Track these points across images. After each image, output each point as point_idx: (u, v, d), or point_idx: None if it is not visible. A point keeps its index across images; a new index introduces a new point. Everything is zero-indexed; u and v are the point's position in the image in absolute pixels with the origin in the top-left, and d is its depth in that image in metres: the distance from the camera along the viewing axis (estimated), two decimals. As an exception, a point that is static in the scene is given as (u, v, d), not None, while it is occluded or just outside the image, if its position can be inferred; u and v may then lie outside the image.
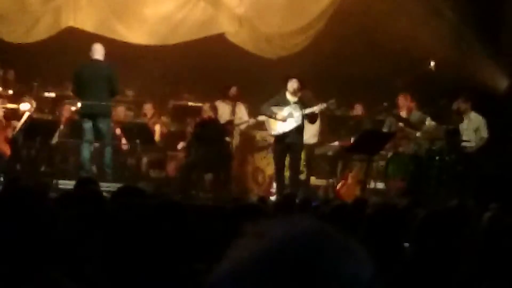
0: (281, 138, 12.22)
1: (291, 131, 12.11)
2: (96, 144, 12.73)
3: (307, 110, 12.10)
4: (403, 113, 12.96)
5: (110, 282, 3.52)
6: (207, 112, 13.19)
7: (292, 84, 12.22)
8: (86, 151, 12.38)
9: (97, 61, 12.41)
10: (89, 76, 12.22)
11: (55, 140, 13.13)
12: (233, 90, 14.46)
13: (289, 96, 12.25)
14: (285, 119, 12.11)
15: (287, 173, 12.39)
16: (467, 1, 14.48)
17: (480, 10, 14.41)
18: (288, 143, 12.14)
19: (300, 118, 12.12)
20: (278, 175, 12.36)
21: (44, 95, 14.86)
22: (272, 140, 13.12)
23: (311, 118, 12.36)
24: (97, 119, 12.20)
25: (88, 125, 12.28)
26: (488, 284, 3.39)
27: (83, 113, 12.43)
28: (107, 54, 12.60)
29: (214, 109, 13.37)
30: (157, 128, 14.12)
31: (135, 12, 15.60)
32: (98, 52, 12.48)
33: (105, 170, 12.38)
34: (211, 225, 4.01)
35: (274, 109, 12.20)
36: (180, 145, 13.86)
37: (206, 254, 3.38)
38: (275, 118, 12.19)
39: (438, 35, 14.37)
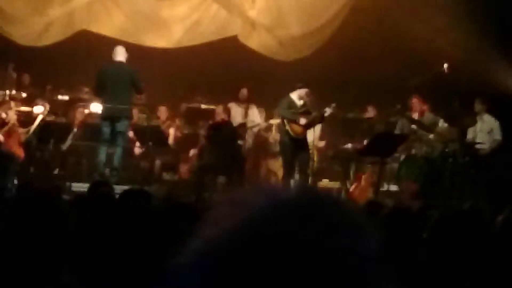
0: (291, 140, 12.34)
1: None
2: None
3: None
4: (416, 115, 12.93)
5: (120, 283, 3.52)
6: (220, 114, 13.20)
7: (305, 91, 12.44)
8: (103, 154, 12.43)
9: (119, 62, 12.49)
10: (112, 77, 12.28)
11: (67, 144, 13.14)
12: (244, 92, 14.47)
13: (296, 99, 12.43)
14: (307, 123, 12.29)
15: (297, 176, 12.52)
16: (482, 4, 14.41)
17: (494, 12, 14.36)
18: (298, 144, 12.27)
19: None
20: (288, 176, 12.44)
21: (58, 98, 14.89)
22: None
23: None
24: (117, 121, 12.24)
25: (107, 128, 12.33)
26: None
27: (104, 116, 12.48)
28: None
29: (228, 111, 13.38)
30: (171, 132, 14.11)
31: (148, 15, 15.62)
32: (120, 53, 12.56)
33: (112, 172, 12.38)
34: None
35: (294, 113, 12.36)
36: (192, 152, 13.84)
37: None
38: (298, 123, 12.30)
39: (452, 37, 14.31)
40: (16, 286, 2.66)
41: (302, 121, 12.26)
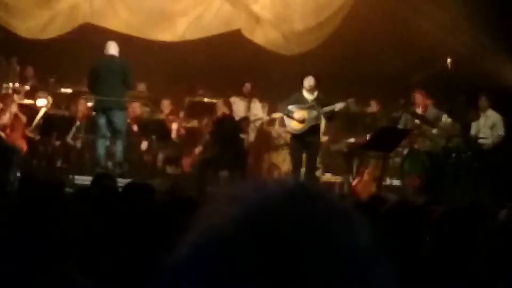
0: (298, 136, 12.16)
1: (309, 129, 12.05)
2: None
3: (326, 109, 12.03)
4: (419, 110, 12.92)
5: (121, 278, 3.52)
6: (221, 108, 13.16)
7: (309, 81, 12.13)
8: (101, 147, 12.47)
9: (112, 56, 12.57)
10: (104, 70, 12.35)
11: (71, 138, 13.16)
12: (247, 87, 14.46)
13: (306, 94, 12.17)
14: (303, 119, 12.01)
15: (302, 170, 12.39)
16: (486, 0, 14.39)
17: (498, 8, 14.33)
18: (306, 141, 12.10)
19: (318, 116, 12.08)
20: (295, 172, 12.32)
21: (61, 91, 14.90)
22: (287, 137, 13.11)
23: (330, 116, 12.33)
24: (111, 112, 12.30)
25: (102, 120, 12.38)
26: (505, 281, 3.37)
27: (97, 107, 12.55)
28: (123, 50, 12.73)
29: (229, 104, 13.32)
30: (174, 126, 14.07)
31: (152, 9, 15.63)
32: (113, 48, 12.64)
33: (115, 166, 12.42)
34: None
35: (292, 107, 12.10)
36: (197, 150, 13.81)
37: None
38: (292, 118, 12.07)
39: (456, 33, 14.30)
40: (19, 281, 2.66)
41: (297, 115, 12.02)
